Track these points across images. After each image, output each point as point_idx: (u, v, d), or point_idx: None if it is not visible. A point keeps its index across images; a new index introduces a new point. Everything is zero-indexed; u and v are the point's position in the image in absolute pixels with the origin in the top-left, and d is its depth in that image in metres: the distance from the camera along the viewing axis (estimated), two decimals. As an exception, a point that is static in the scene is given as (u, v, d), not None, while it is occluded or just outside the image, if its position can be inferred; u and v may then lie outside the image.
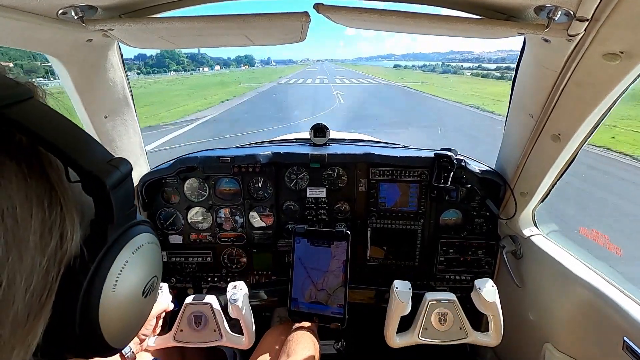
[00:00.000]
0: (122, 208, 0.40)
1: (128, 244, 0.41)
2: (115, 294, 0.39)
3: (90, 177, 0.36)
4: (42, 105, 0.37)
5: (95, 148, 0.39)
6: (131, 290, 0.41)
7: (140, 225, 0.44)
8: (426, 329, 1.21)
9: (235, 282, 1.25)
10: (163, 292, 1.23)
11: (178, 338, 1.21)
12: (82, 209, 0.38)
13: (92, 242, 0.38)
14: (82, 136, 0.38)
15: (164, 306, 1.21)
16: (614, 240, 1.63)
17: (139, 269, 0.43)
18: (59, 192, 0.35)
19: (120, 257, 0.39)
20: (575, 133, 1.03)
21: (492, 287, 1.16)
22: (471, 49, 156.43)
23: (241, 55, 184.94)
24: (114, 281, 0.38)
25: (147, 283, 0.44)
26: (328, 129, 1.69)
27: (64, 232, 0.35)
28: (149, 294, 0.45)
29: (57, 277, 0.34)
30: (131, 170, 0.41)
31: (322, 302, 1.28)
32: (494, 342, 1.20)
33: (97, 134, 1.24)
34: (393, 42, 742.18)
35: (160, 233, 1.65)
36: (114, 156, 0.40)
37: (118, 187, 0.38)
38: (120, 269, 0.39)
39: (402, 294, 1.19)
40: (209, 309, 1.22)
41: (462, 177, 1.50)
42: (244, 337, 1.22)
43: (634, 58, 0.77)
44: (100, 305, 0.37)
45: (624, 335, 0.95)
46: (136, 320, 0.45)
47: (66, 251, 0.35)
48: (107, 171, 0.37)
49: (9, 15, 0.75)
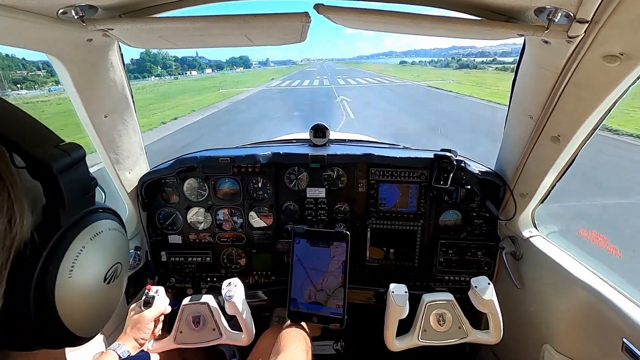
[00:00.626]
0: (74, 193, 0.39)
1: (85, 230, 0.40)
2: (73, 280, 0.38)
3: (34, 161, 0.35)
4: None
5: (43, 133, 0.38)
6: (91, 276, 0.41)
7: (101, 212, 0.44)
8: (425, 330, 1.21)
9: (229, 279, 1.24)
10: (159, 295, 1.22)
11: (178, 340, 1.20)
12: (34, 195, 0.38)
13: (44, 228, 0.37)
14: (27, 121, 0.38)
15: (161, 309, 1.20)
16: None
17: (98, 254, 0.42)
18: (5, 178, 0.34)
19: (76, 243, 0.39)
20: (575, 134, 1.03)
21: (488, 285, 1.15)
22: (473, 44, 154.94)
23: (236, 57, 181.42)
24: (70, 266, 0.38)
25: (109, 270, 0.44)
26: (328, 129, 1.69)
27: (12, 218, 0.34)
28: (112, 281, 0.44)
29: (7, 264, 0.34)
30: (84, 155, 0.41)
31: (322, 303, 1.28)
32: (494, 340, 1.19)
33: (96, 134, 1.24)
34: (393, 40, 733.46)
35: (159, 233, 1.65)
36: (65, 141, 0.39)
37: (67, 171, 0.37)
38: (76, 255, 0.39)
39: (398, 297, 1.19)
40: (207, 308, 1.21)
41: (461, 178, 1.50)
42: (243, 334, 1.22)
43: (634, 60, 0.77)
44: (57, 291, 0.36)
45: (623, 337, 0.95)
46: (102, 308, 0.44)
47: (15, 236, 0.34)
48: (54, 155, 0.37)
49: (9, 15, 0.75)
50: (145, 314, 1.15)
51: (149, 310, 1.17)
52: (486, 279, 1.18)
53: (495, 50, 77.16)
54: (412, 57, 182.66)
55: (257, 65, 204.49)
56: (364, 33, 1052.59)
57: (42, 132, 0.38)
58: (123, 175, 1.44)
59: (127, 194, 1.50)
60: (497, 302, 1.14)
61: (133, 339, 1.12)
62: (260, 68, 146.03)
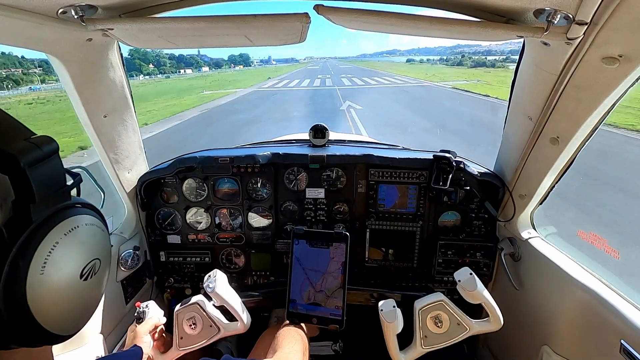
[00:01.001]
0: (45, 188, 0.38)
1: (58, 225, 0.39)
2: (45, 277, 0.37)
3: (1, 154, 0.34)
4: None
5: (13, 126, 0.37)
6: (65, 272, 0.40)
7: (78, 208, 0.43)
8: (426, 336, 1.19)
9: (209, 272, 1.23)
10: (150, 309, 1.22)
11: (182, 346, 1.20)
12: (5, 190, 0.36)
13: (13, 224, 0.36)
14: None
15: (154, 321, 1.20)
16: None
17: (73, 250, 0.41)
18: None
19: (48, 238, 0.38)
20: (574, 136, 1.03)
21: (470, 276, 1.13)
22: (478, 42, 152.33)
23: (235, 55, 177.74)
24: (42, 263, 0.37)
25: (86, 266, 0.42)
26: (327, 129, 1.69)
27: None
28: (89, 277, 0.43)
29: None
30: (56, 149, 0.39)
31: (321, 304, 1.28)
32: (495, 327, 1.15)
33: (96, 133, 1.24)
34: (397, 38, 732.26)
35: (158, 233, 1.65)
36: (36, 134, 0.38)
37: (37, 165, 0.36)
38: (49, 251, 0.37)
39: (387, 314, 1.17)
40: (197, 308, 1.21)
41: (461, 179, 1.51)
42: (238, 322, 1.21)
43: (633, 61, 0.78)
44: (28, 288, 0.35)
45: (621, 338, 0.95)
46: (79, 305, 0.43)
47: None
48: (22, 148, 0.35)
49: (9, 14, 0.75)
50: (139, 328, 1.16)
51: (141, 325, 1.17)
52: (467, 269, 1.15)
53: (503, 49, 75.07)
54: (417, 55, 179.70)
55: (258, 63, 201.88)
56: (366, 32, 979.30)
57: (12, 125, 0.37)
58: (122, 175, 1.44)
59: (127, 193, 1.50)
60: (485, 289, 1.12)
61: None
62: (264, 66, 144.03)
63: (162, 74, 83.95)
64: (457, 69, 51.16)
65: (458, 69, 53.32)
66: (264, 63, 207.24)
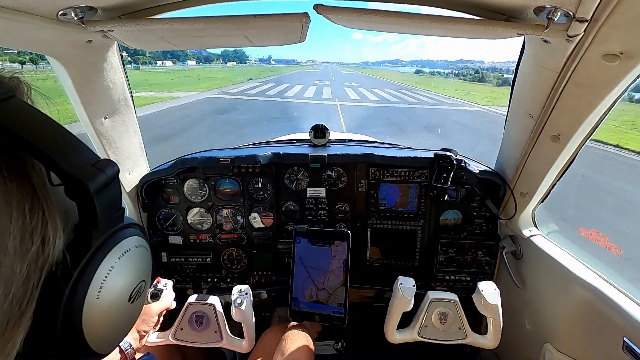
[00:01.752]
0: (107, 212, 0.38)
1: (114, 249, 0.40)
2: (100, 301, 0.38)
3: (72, 181, 0.34)
4: (24, 105, 0.36)
5: (80, 150, 0.37)
6: (117, 296, 0.40)
7: (128, 229, 0.43)
8: (426, 327, 1.22)
9: (240, 286, 1.25)
10: (168, 289, 1.22)
11: (178, 336, 1.20)
12: (67, 213, 0.37)
13: (75, 248, 0.36)
14: (66, 137, 0.37)
15: (166, 304, 1.20)
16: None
17: (125, 274, 0.41)
18: (40, 196, 0.34)
19: (105, 263, 0.38)
20: (575, 133, 1.03)
21: (494, 290, 1.16)
22: (482, 58, 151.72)
23: (229, 51, 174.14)
24: (99, 287, 0.37)
25: (134, 288, 0.43)
26: (328, 129, 1.69)
27: (45, 237, 0.33)
28: (135, 299, 0.44)
29: (39, 284, 0.33)
30: (117, 172, 0.40)
31: (323, 302, 1.28)
32: (491, 345, 1.20)
33: (96, 135, 1.24)
34: (400, 48, 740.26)
35: (160, 234, 1.65)
36: (100, 158, 0.39)
37: (103, 191, 0.37)
38: (105, 275, 0.38)
39: (406, 290, 1.19)
40: (212, 310, 1.21)
41: (462, 178, 1.50)
42: (245, 340, 1.22)
43: (634, 59, 0.77)
44: (84, 312, 0.36)
45: (623, 336, 0.95)
46: (122, 326, 0.44)
47: (48, 257, 0.34)
48: (91, 174, 0.36)
49: (9, 16, 0.75)
50: (153, 306, 1.15)
51: (156, 304, 1.16)
52: (492, 284, 1.19)
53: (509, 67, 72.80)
54: (419, 66, 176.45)
55: (256, 61, 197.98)
56: (371, 39, 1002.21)
57: (78, 148, 0.37)
58: (123, 176, 1.44)
59: (127, 194, 1.50)
60: (501, 308, 1.15)
61: (136, 330, 1.11)
62: (261, 65, 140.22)
63: (134, 63, 71.35)
64: (486, 87, 43.90)
65: (484, 85, 46.99)
66: (263, 62, 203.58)
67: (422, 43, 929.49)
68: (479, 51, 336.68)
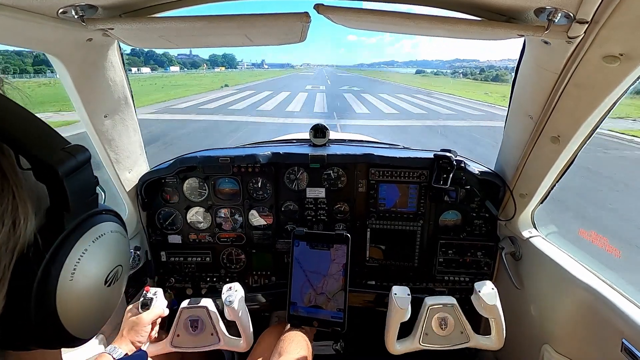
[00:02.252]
0: (79, 196, 0.39)
1: (87, 233, 0.40)
2: (74, 283, 0.38)
3: (41, 164, 0.35)
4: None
5: (50, 135, 0.38)
6: (92, 279, 0.41)
7: (104, 215, 0.44)
8: (427, 334, 1.20)
9: (230, 284, 1.23)
10: (158, 297, 1.21)
11: (175, 343, 1.19)
12: (38, 197, 0.37)
13: (47, 231, 0.37)
14: (36, 123, 0.38)
15: (158, 312, 1.18)
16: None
17: (100, 257, 0.42)
18: (10, 180, 0.34)
19: (78, 246, 0.39)
20: (574, 135, 1.03)
21: (492, 290, 1.15)
22: (477, 57, 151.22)
23: (218, 55, 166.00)
24: (72, 270, 0.38)
25: (110, 272, 0.44)
26: (328, 129, 1.69)
27: (16, 220, 0.34)
28: (112, 283, 0.44)
29: (10, 265, 0.34)
30: (89, 158, 0.40)
31: (322, 306, 1.27)
32: (496, 346, 1.19)
33: (96, 133, 1.24)
34: (394, 49, 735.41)
35: (159, 233, 1.65)
36: (71, 143, 0.39)
37: (73, 174, 0.37)
38: (78, 258, 0.39)
39: (400, 300, 1.18)
40: (205, 312, 1.20)
41: (461, 178, 1.50)
42: (242, 339, 1.21)
43: (634, 60, 0.78)
44: (58, 294, 0.36)
45: (622, 337, 0.95)
46: (101, 310, 0.44)
47: (19, 239, 0.34)
48: (60, 158, 0.36)
49: (9, 14, 0.75)
50: (143, 316, 1.14)
51: (146, 313, 1.15)
52: (490, 283, 1.18)
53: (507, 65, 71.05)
54: (414, 67, 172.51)
55: (249, 66, 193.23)
56: (365, 41, 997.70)
57: (48, 133, 0.38)
58: (123, 175, 1.44)
59: (127, 193, 1.50)
60: (501, 307, 1.14)
61: (130, 341, 1.10)
62: (253, 69, 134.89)
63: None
64: (501, 86, 38.65)
65: (500, 85, 41.56)
66: (256, 67, 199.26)
67: (416, 43, 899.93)
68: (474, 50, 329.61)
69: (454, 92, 29.18)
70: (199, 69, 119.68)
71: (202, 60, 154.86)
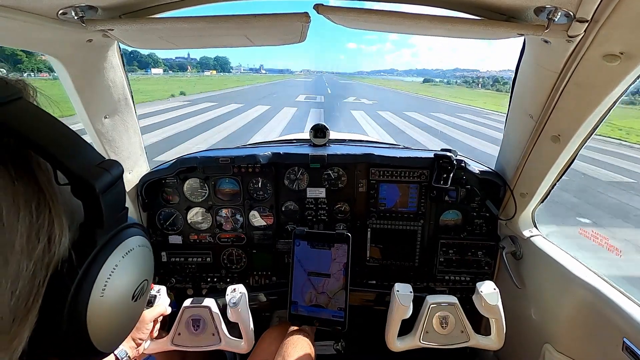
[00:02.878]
0: (112, 212, 0.39)
1: (118, 248, 0.40)
2: (104, 299, 0.38)
3: (79, 180, 0.35)
4: (31, 106, 0.36)
5: (86, 150, 0.38)
6: (120, 294, 0.41)
7: (132, 228, 0.44)
8: (427, 332, 1.20)
9: (234, 285, 1.24)
10: (161, 295, 1.21)
11: (176, 342, 1.19)
12: (72, 212, 0.38)
13: (80, 246, 0.37)
14: (72, 138, 0.38)
15: (161, 310, 1.19)
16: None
17: (128, 273, 0.42)
18: (47, 195, 0.34)
19: (109, 261, 0.39)
20: (575, 134, 1.03)
21: (494, 290, 1.16)
22: (477, 67, 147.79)
23: (210, 57, 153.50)
24: (103, 285, 0.38)
25: (137, 287, 0.44)
26: (328, 129, 1.69)
27: (51, 236, 0.34)
28: (138, 298, 0.45)
29: (44, 282, 0.34)
30: (122, 172, 0.41)
31: (323, 306, 1.27)
32: (496, 346, 1.19)
33: (96, 134, 1.24)
34: (394, 57, 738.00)
35: (160, 233, 1.65)
36: (105, 158, 0.39)
37: (108, 190, 0.37)
38: (109, 274, 0.39)
39: (403, 297, 1.18)
40: (208, 312, 1.20)
41: (462, 178, 1.50)
42: (243, 341, 1.21)
43: (634, 59, 0.77)
44: (88, 310, 0.37)
45: (623, 336, 0.95)
46: (125, 324, 0.45)
47: (54, 255, 0.34)
48: (97, 174, 0.36)
49: (9, 16, 0.75)
50: (146, 313, 1.14)
51: (149, 310, 1.15)
52: (492, 283, 1.18)
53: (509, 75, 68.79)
54: (415, 76, 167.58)
55: (246, 70, 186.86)
56: (364, 49, 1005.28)
57: (84, 148, 0.38)
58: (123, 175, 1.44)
59: (127, 194, 1.50)
60: (502, 307, 1.14)
61: (131, 338, 1.10)
62: (248, 73, 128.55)
63: (47, 72, 58.41)
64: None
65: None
66: (254, 71, 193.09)
67: (415, 52, 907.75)
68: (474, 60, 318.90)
69: (491, 107, 22.36)
70: (186, 72, 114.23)
71: (196, 62, 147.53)
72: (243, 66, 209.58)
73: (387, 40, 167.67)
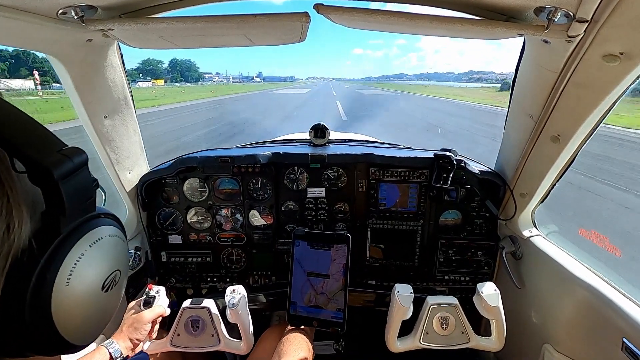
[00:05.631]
0: (75, 200, 0.38)
1: (85, 237, 0.39)
2: (70, 289, 0.37)
3: (36, 167, 0.34)
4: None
5: (46, 137, 0.37)
6: (88, 284, 0.40)
7: (102, 218, 0.43)
8: (427, 333, 1.20)
9: (233, 286, 1.23)
10: (160, 296, 1.20)
11: (175, 343, 1.19)
12: (34, 201, 0.37)
13: (42, 235, 0.36)
14: (32, 125, 0.37)
15: (160, 311, 1.17)
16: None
17: (97, 262, 0.41)
18: (5, 183, 0.33)
19: (74, 250, 0.38)
20: (574, 134, 1.03)
21: (494, 291, 1.16)
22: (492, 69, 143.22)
23: (162, 61, 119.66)
24: (68, 275, 0.37)
25: (108, 277, 0.43)
26: (328, 129, 1.69)
27: (10, 224, 0.33)
28: (110, 289, 0.43)
29: (4, 271, 0.33)
30: (86, 160, 0.40)
31: (322, 306, 1.27)
32: (496, 347, 1.19)
33: (96, 134, 1.24)
34: (401, 62, 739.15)
35: (159, 233, 1.65)
36: (68, 145, 0.38)
37: (69, 177, 0.36)
38: (74, 263, 0.38)
39: (403, 298, 1.18)
40: (207, 313, 1.20)
41: (461, 178, 1.50)
42: (242, 342, 1.21)
43: (634, 59, 0.77)
44: (53, 300, 0.36)
45: (623, 336, 0.95)
46: (98, 316, 0.43)
47: (13, 243, 0.34)
48: (56, 161, 0.36)
49: (9, 15, 0.75)
50: (145, 314, 1.13)
51: (148, 311, 1.14)
52: (492, 284, 1.18)
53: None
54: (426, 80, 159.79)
55: (236, 78, 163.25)
56: (371, 55, 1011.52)
57: (44, 136, 0.37)
58: (123, 175, 1.44)
59: (127, 194, 1.50)
60: (502, 309, 1.14)
61: (128, 338, 1.09)
62: (244, 83, 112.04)
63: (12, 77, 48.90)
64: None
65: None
66: (247, 80, 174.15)
67: (422, 56, 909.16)
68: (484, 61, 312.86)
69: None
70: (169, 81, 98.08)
71: (165, 71, 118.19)
72: (231, 73, 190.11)
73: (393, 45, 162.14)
